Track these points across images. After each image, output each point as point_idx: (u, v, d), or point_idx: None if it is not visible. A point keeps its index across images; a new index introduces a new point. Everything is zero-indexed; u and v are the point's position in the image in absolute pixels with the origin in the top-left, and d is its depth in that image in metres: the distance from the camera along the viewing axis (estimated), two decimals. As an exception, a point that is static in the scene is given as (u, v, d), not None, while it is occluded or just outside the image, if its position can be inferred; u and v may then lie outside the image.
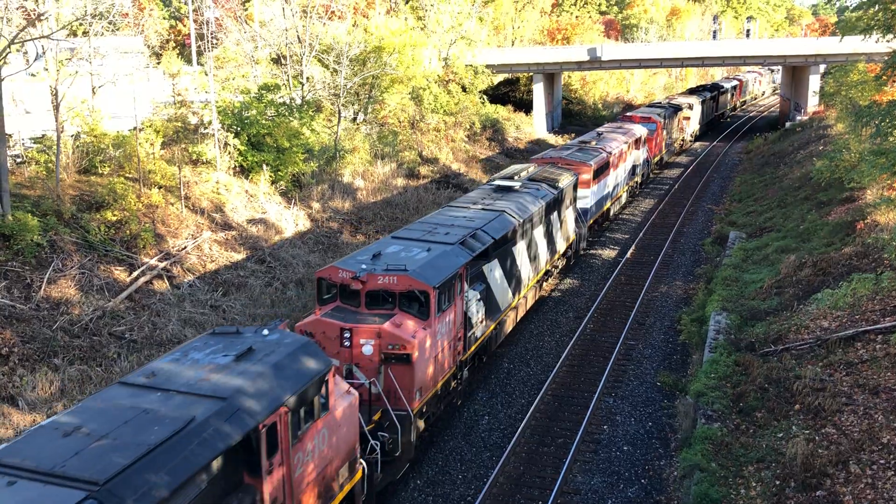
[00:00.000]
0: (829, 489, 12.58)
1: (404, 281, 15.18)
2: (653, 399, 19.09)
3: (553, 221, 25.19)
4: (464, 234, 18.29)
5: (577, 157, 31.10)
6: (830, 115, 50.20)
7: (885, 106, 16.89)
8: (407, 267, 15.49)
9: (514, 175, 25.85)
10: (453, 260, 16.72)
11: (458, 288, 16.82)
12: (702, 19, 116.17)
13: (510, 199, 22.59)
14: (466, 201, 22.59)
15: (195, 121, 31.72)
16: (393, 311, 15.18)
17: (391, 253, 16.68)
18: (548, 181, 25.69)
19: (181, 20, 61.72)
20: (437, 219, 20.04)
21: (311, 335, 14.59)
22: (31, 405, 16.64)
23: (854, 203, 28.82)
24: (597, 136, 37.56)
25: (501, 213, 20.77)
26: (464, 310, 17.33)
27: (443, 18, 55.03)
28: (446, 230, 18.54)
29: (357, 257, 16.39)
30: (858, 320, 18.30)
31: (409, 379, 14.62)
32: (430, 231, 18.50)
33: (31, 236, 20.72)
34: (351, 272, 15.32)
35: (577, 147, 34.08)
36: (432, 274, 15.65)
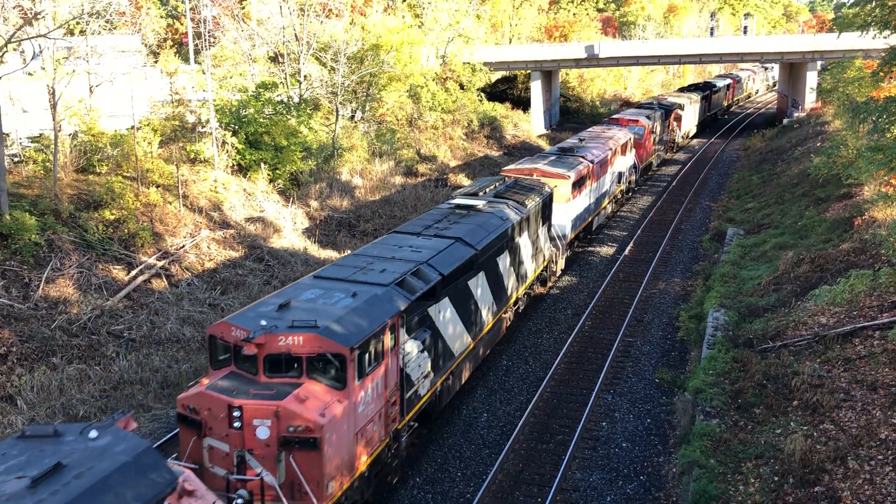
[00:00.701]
0: (827, 485, 12.61)
1: (313, 341, 12.18)
2: (651, 396, 19.12)
3: (522, 244, 22.19)
4: (404, 270, 15.36)
5: (555, 168, 28.01)
6: (828, 112, 50.25)
7: (882, 102, 16.92)
8: (318, 322, 12.44)
9: (480, 191, 22.83)
10: (384, 307, 13.80)
11: (391, 341, 13.85)
12: (699, 16, 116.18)
13: (470, 221, 19.57)
14: (417, 226, 19.35)
15: (193, 119, 31.72)
16: (300, 379, 12.23)
17: (305, 301, 13.59)
18: (517, 198, 22.66)
19: (178, 19, 61.64)
20: (377, 250, 17.09)
21: (196, 411, 11.95)
22: (30, 404, 16.65)
23: (852, 199, 28.86)
24: (578, 142, 34.66)
25: (456, 242, 17.75)
26: (400, 366, 14.34)
27: (440, 16, 55.03)
28: (383, 266, 15.62)
29: (260, 308, 13.33)
30: (856, 316, 18.33)
31: (318, 467, 11.79)
32: (363, 268, 15.54)
33: (29, 235, 20.72)
34: (245, 331, 12.22)
35: (555, 155, 30.97)
36: (351, 330, 12.67)
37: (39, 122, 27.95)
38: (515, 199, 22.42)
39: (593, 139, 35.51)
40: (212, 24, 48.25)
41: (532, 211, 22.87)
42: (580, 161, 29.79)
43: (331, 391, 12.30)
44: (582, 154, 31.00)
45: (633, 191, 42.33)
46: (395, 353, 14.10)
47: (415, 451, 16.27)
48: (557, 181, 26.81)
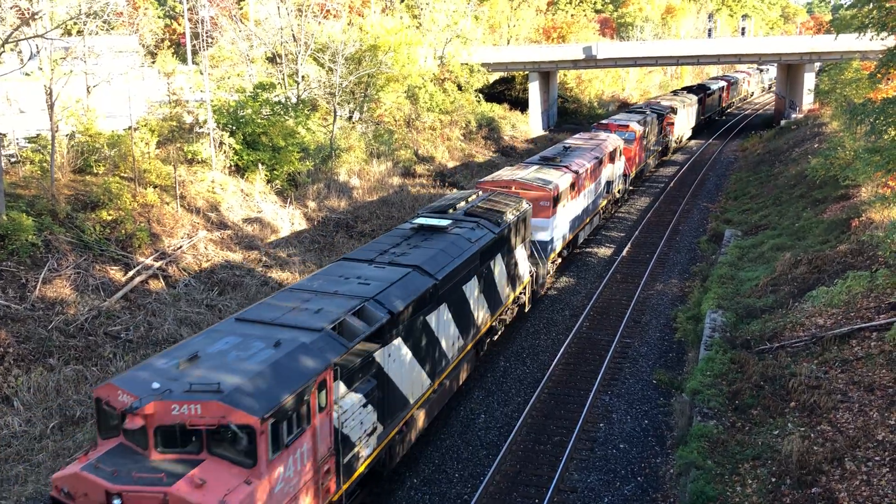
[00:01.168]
0: (824, 486, 12.61)
1: (213, 410, 9.96)
2: (649, 397, 19.12)
3: (496, 268, 20.03)
4: (345, 310, 13.10)
5: (536, 180, 25.85)
6: (825, 113, 50.33)
7: (879, 104, 16.94)
8: (222, 384, 10.24)
9: (449, 207, 20.55)
10: (312, 360, 11.53)
11: (321, 401, 11.56)
12: (697, 17, 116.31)
13: (432, 245, 17.42)
14: (371, 251, 17.00)
15: (190, 120, 31.69)
16: (199, 455, 10.09)
17: (215, 354, 11.28)
18: (490, 215, 20.45)
19: (176, 19, 61.62)
20: (318, 283, 14.77)
21: (71, 496, 9.98)
22: (26, 405, 16.61)
23: (849, 201, 28.89)
24: (563, 150, 32.21)
25: (413, 271, 15.56)
26: (335, 427, 12.06)
27: (438, 17, 55.05)
28: (321, 304, 13.36)
29: (159, 363, 11.08)
30: (853, 318, 18.35)
31: None
32: (296, 308, 13.20)
33: (26, 236, 20.68)
34: (132, 396, 10.10)
35: (537, 165, 28.80)
36: (265, 393, 10.45)
37: (37, 123, 27.94)
38: (488, 216, 20.20)
39: (579, 147, 33.48)
40: (209, 24, 48.21)
41: (507, 229, 20.64)
42: (563, 172, 27.77)
43: (238, 470, 10.05)
44: (566, 164, 28.95)
45: (623, 200, 40.46)
46: (326, 413, 11.71)
47: (412, 452, 16.26)
48: (538, 194, 24.88)
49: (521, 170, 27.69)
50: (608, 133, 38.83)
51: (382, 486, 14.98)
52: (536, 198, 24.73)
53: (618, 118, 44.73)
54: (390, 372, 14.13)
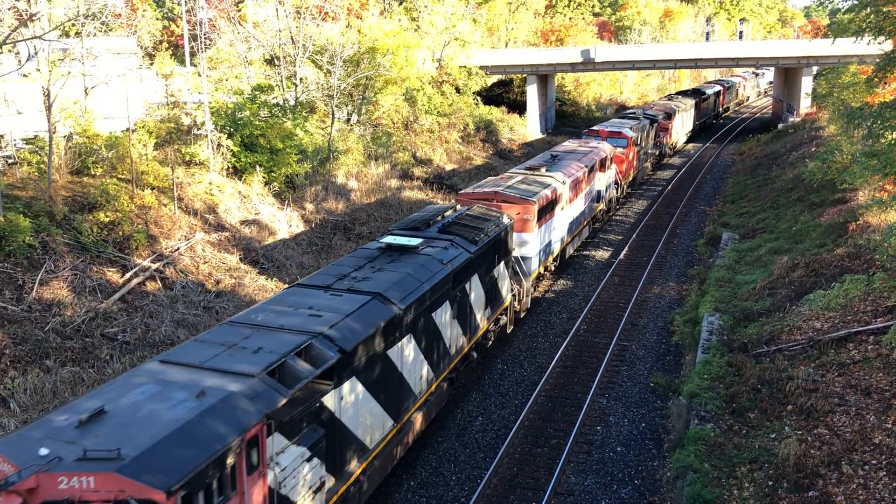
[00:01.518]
0: (821, 489, 12.62)
1: (109, 483, 8.22)
2: (646, 400, 19.12)
3: (472, 290, 18.42)
4: (287, 349, 11.29)
5: (519, 192, 24.22)
6: (823, 117, 50.40)
7: (876, 108, 16.98)
8: (123, 451, 8.46)
9: (423, 223, 19.10)
10: (241, 413, 9.80)
11: (252, 461, 9.91)
12: (695, 21, 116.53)
13: (399, 267, 15.79)
14: (330, 275, 15.18)
15: (188, 122, 31.68)
16: None
17: (125, 409, 9.46)
18: (467, 232, 18.80)
19: (174, 21, 61.60)
20: (263, 315, 12.86)
21: None
22: (23, 407, 16.58)
23: (846, 204, 28.93)
24: (550, 159, 30.76)
25: (373, 299, 13.81)
26: (270, 488, 10.38)
27: (436, 20, 55.09)
28: (262, 342, 11.58)
29: (56, 419, 9.26)
30: (850, 321, 18.37)
31: None
32: (233, 346, 11.40)
33: (23, 237, 20.65)
34: (13, 466, 8.38)
35: (522, 176, 26.84)
36: (176, 459, 8.69)
37: (34, 124, 27.89)
38: (465, 233, 18.63)
39: (568, 155, 31.75)
40: (208, 26, 48.21)
41: (485, 247, 19.08)
42: (549, 183, 26.15)
43: None
44: (552, 174, 27.37)
45: (615, 210, 38.95)
46: (259, 474, 10.05)
47: (409, 455, 16.24)
48: (521, 208, 23.37)
49: (505, 180, 25.85)
50: (599, 140, 37.37)
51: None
52: (519, 211, 23.27)
53: (610, 124, 42.66)
54: (343, 417, 12.40)
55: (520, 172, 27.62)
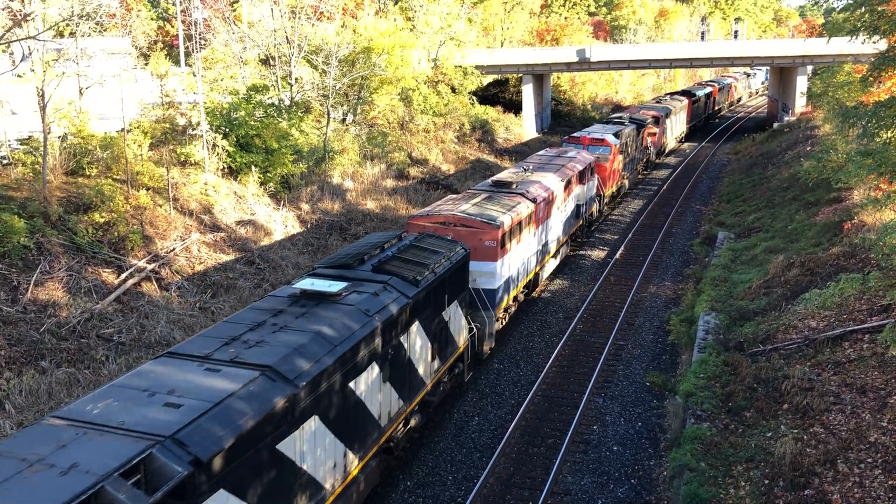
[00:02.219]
0: (817, 488, 12.64)
1: None
2: (642, 399, 19.14)
3: (411, 342, 15.12)
4: (112, 466, 7.98)
5: (482, 215, 20.96)
6: (818, 116, 50.51)
7: (871, 107, 17.00)
8: None
9: (357, 258, 15.76)
10: None
11: None
12: (690, 20, 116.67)
13: (309, 324, 12.41)
14: (216, 338, 11.76)
15: (183, 122, 31.60)
16: None
17: None
18: (408, 269, 15.59)
19: (169, 21, 61.50)
20: (103, 406, 9.36)
21: None
22: (18, 408, 16.53)
23: (841, 203, 29.00)
24: (522, 172, 27.60)
25: (261, 375, 10.54)
26: None
27: (432, 19, 55.05)
28: (78, 454, 8.21)
29: None
30: (846, 320, 18.41)
31: None
32: (42, 459, 8.12)
33: (18, 238, 20.59)
34: None
35: (487, 193, 23.87)
36: None
37: (28, 125, 27.81)
38: (404, 271, 15.38)
39: (543, 167, 29.02)
40: (202, 26, 48.16)
41: (432, 286, 15.83)
42: (518, 202, 23.20)
43: None
44: (522, 191, 24.39)
45: (596, 223, 36.25)
46: None
47: (406, 456, 16.23)
48: (483, 234, 20.31)
49: (467, 200, 22.63)
50: (579, 149, 34.82)
51: (376, 489, 14.85)
52: (482, 237, 20.22)
53: (593, 130, 39.83)
54: None
55: (485, 190, 24.47)
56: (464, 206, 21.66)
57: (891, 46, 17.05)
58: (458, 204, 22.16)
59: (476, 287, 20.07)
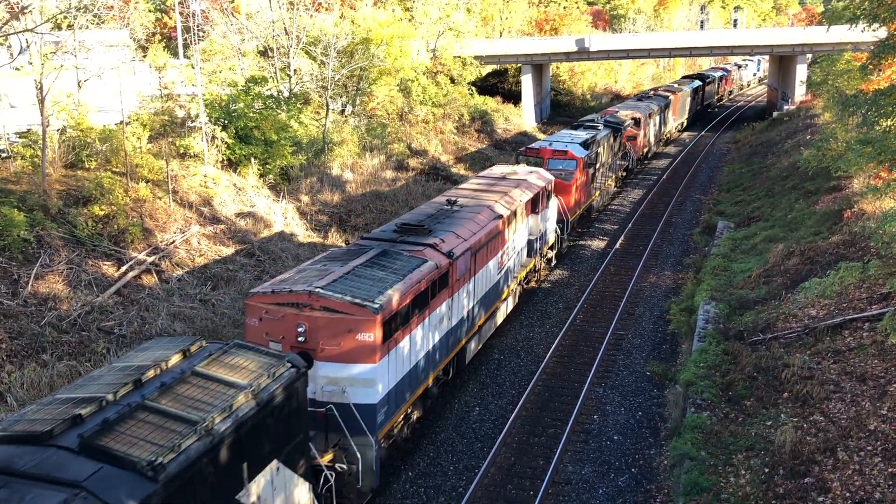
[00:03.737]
0: (817, 476, 12.68)
1: None
2: (642, 388, 19.18)
3: None
4: None
5: (356, 292, 14.04)
6: (817, 105, 50.41)
7: (871, 95, 16.97)
8: None
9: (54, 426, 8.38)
10: None
11: None
12: (689, 9, 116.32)
13: None
14: None
15: (182, 114, 31.54)
16: None
17: None
18: (145, 448, 8.22)
19: (167, 13, 61.29)
20: None
21: None
22: (20, 402, 16.57)
23: (841, 192, 28.99)
24: (446, 206, 20.45)
25: None
26: None
27: (430, 10, 54.90)
28: None
29: None
30: (846, 308, 18.43)
31: None
32: None
33: (18, 232, 20.58)
34: None
35: (381, 247, 16.66)
36: None
37: (27, 118, 27.76)
38: (143, 449, 8.27)
39: (477, 197, 21.78)
40: (201, 18, 47.99)
41: (205, 462, 8.80)
42: (424, 259, 16.12)
43: None
44: (434, 240, 17.25)
45: (560, 255, 29.44)
46: None
47: (408, 446, 16.27)
48: (353, 322, 13.53)
49: (344, 263, 15.34)
50: (534, 166, 28.47)
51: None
52: (351, 330, 13.52)
53: (557, 138, 33.54)
54: None
55: (381, 240, 17.39)
56: (334, 274, 14.54)
57: (890, 34, 17.01)
58: (330, 268, 14.98)
59: (344, 402, 13.54)
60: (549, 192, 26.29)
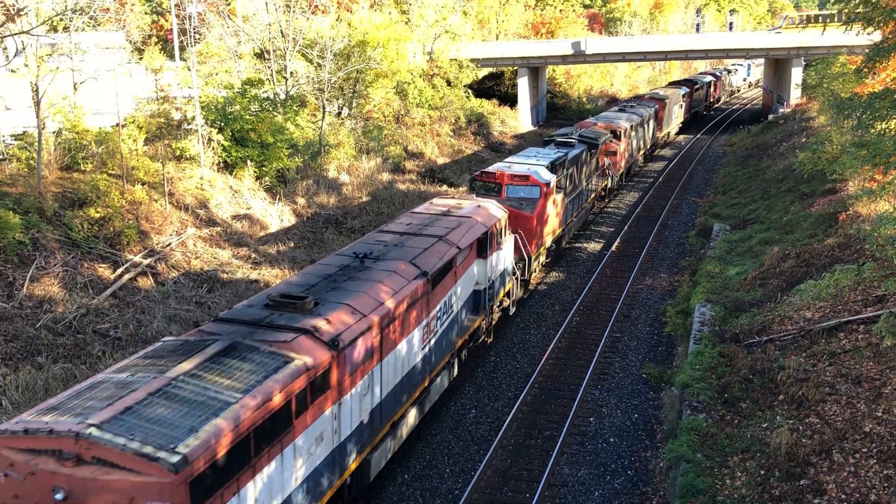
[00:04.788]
0: (812, 478, 12.71)
1: None
2: (639, 391, 19.20)
3: None
4: None
5: (146, 434, 8.71)
6: (813, 108, 50.56)
7: (865, 98, 17.01)
8: None
9: None
10: None
11: None
12: (685, 12, 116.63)
13: None
14: None
15: (178, 116, 31.54)
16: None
17: None
18: None
19: (163, 15, 61.24)
20: None
21: None
22: (14, 404, 16.52)
23: (836, 195, 29.06)
24: (355, 260, 15.60)
25: None
26: None
27: (427, 12, 54.97)
28: None
29: None
30: (841, 311, 18.48)
31: None
32: None
33: (13, 234, 20.55)
34: None
35: (228, 341, 11.32)
36: None
37: (23, 120, 27.73)
38: None
39: (406, 241, 17.16)
40: (197, 20, 47.96)
41: None
42: (280, 362, 11.02)
43: None
44: (313, 322, 12.24)
45: (521, 301, 24.79)
46: None
47: (404, 448, 16.26)
48: (136, 489, 8.48)
49: (158, 370, 10.25)
50: (491, 192, 24.41)
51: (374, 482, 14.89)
52: (130, 499, 8.52)
53: (518, 159, 27.55)
54: None
55: (239, 323, 12.24)
56: (134, 394, 9.53)
57: (885, 37, 17.07)
58: (136, 381, 9.87)
59: None
60: (503, 230, 20.93)
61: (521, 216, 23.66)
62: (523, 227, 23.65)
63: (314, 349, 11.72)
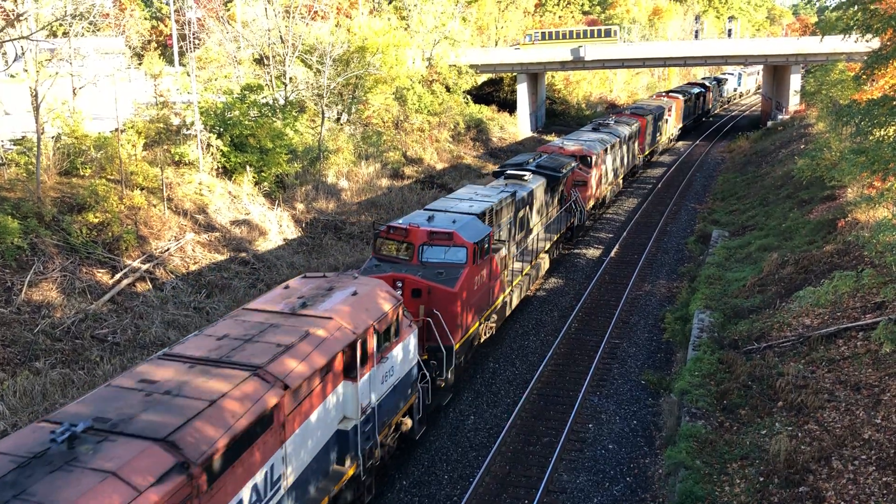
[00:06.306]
0: (811, 485, 12.68)
1: None
2: (637, 397, 19.17)
3: None
4: None
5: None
6: (811, 114, 50.63)
7: (864, 105, 17.03)
8: None
9: None
10: None
11: None
12: (684, 19, 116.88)
13: None
14: None
15: (177, 122, 31.54)
16: None
17: None
18: None
19: (163, 20, 61.32)
20: None
21: None
22: (12, 409, 16.48)
23: (835, 201, 29.08)
24: (56, 446, 7.92)
25: None
26: None
27: (426, 18, 55.08)
28: None
29: None
30: (840, 317, 18.47)
31: None
32: None
33: (12, 239, 20.53)
34: None
35: None
36: None
37: (22, 125, 27.72)
38: None
39: (185, 383, 9.72)
40: (196, 25, 48.01)
41: None
42: None
43: None
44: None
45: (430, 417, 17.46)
46: None
47: (402, 454, 16.23)
48: None
49: None
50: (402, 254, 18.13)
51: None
52: None
53: (444, 205, 20.74)
54: None
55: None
56: None
57: (883, 45, 17.10)
58: None
59: None
60: (392, 326, 14.04)
61: (438, 292, 17.11)
62: (442, 307, 17.06)
63: None
